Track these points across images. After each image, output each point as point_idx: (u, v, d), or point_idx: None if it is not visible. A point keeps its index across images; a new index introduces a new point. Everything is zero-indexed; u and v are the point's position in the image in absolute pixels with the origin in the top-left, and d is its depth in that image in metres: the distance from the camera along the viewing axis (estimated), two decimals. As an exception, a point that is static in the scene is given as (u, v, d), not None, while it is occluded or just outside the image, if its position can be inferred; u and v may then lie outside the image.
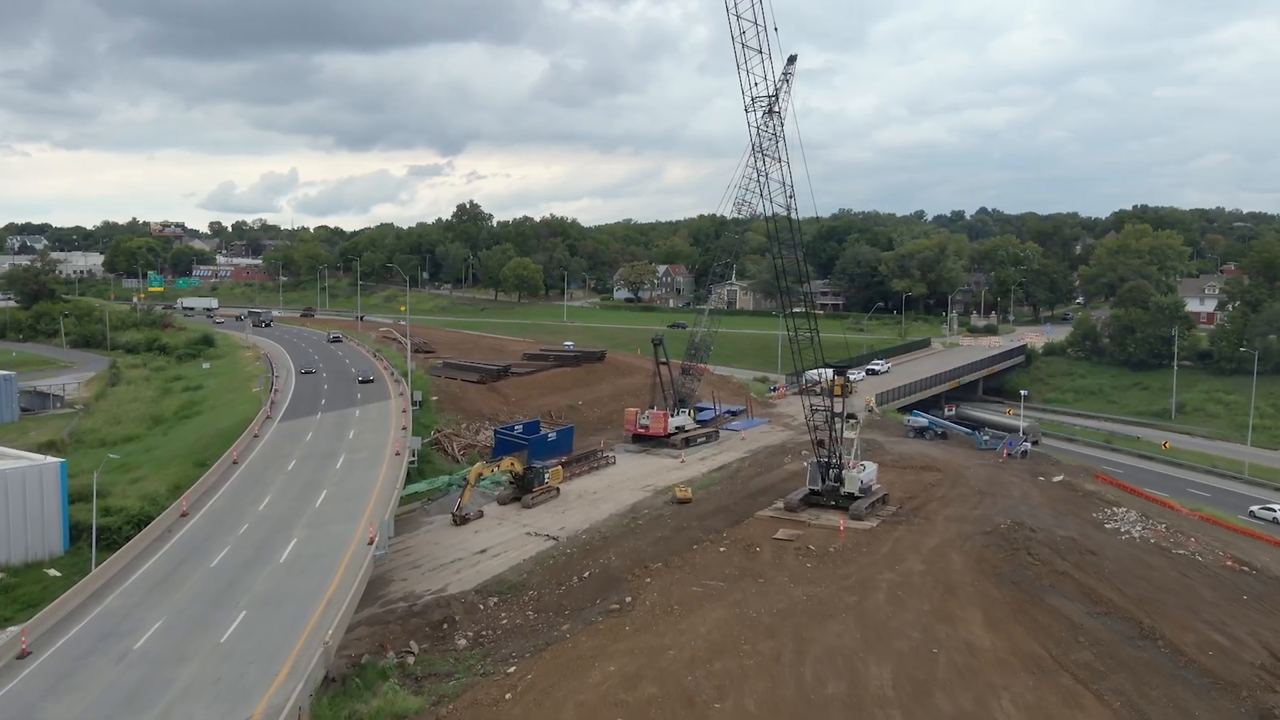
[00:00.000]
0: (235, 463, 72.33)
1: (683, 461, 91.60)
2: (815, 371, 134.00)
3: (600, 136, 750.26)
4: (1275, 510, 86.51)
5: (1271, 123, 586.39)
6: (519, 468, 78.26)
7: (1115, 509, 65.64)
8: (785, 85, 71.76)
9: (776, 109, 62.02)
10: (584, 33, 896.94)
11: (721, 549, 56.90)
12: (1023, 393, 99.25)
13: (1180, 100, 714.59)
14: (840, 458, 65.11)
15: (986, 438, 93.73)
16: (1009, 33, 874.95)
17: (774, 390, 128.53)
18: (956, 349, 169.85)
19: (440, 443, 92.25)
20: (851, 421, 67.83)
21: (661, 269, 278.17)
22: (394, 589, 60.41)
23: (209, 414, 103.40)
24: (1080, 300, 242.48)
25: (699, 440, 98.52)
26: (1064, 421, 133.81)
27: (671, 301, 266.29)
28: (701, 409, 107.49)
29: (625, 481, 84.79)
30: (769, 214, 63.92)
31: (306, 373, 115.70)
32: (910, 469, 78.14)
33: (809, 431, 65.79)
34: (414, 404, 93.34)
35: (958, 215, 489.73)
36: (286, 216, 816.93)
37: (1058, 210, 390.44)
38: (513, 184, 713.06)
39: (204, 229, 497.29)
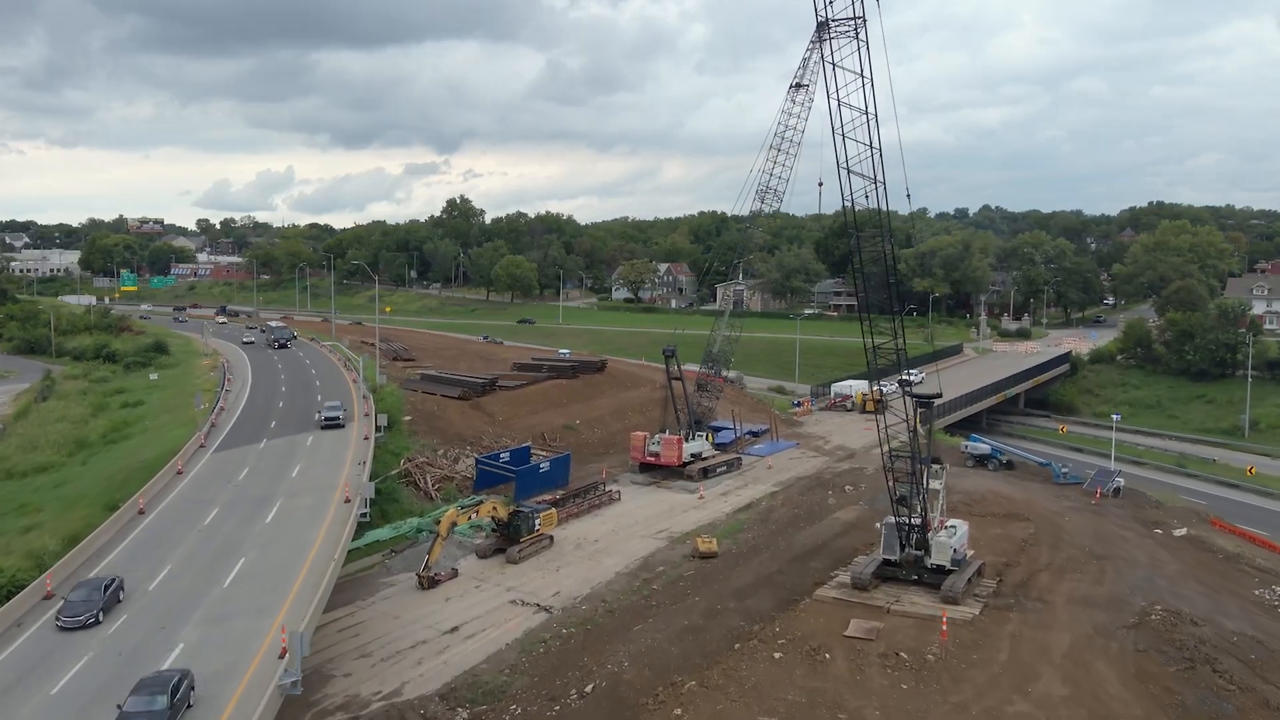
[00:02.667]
0: (141, 512, 56.94)
1: (701, 498, 76.37)
2: (846, 385, 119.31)
3: (596, 135, 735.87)
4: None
5: (1266, 123, 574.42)
6: (502, 513, 63.02)
7: (1284, 584, 50.46)
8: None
9: (863, 35, 46.10)
10: (581, 31, 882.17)
11: (776, 654, 41.38)
12: (1115, 416, 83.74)
13: (1175, 100, 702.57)
14: (925, 517, 49.53)
15: (1065, 469, 78.51)
16: (1006, 32, 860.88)
17: (798, 405, 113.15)
18: (990, 355, 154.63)
19: (411, 474, 76.80)
20: (936, 468, 52.35)
21: (663, 268, 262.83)
22: (333, 690, 45.17)
23: (140, 438, 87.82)
24: (1109, 301, 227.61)
25: (718, 469, 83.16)
26: (1123, 440, 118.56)
27: (674, 302, 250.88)
28: (719, 430, 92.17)
29: (633, 525, 69.62)
30: (848, 192, 48.16)
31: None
32: (991, 517, 62.76)
33: (886, 483, 49.92)
34: (379, 429, 77.81)
35: (961, 213, 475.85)
36: (282, 215, 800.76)
37: (1057, 209, 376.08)
38: (509, 182, 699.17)
39: (192, 226, 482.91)
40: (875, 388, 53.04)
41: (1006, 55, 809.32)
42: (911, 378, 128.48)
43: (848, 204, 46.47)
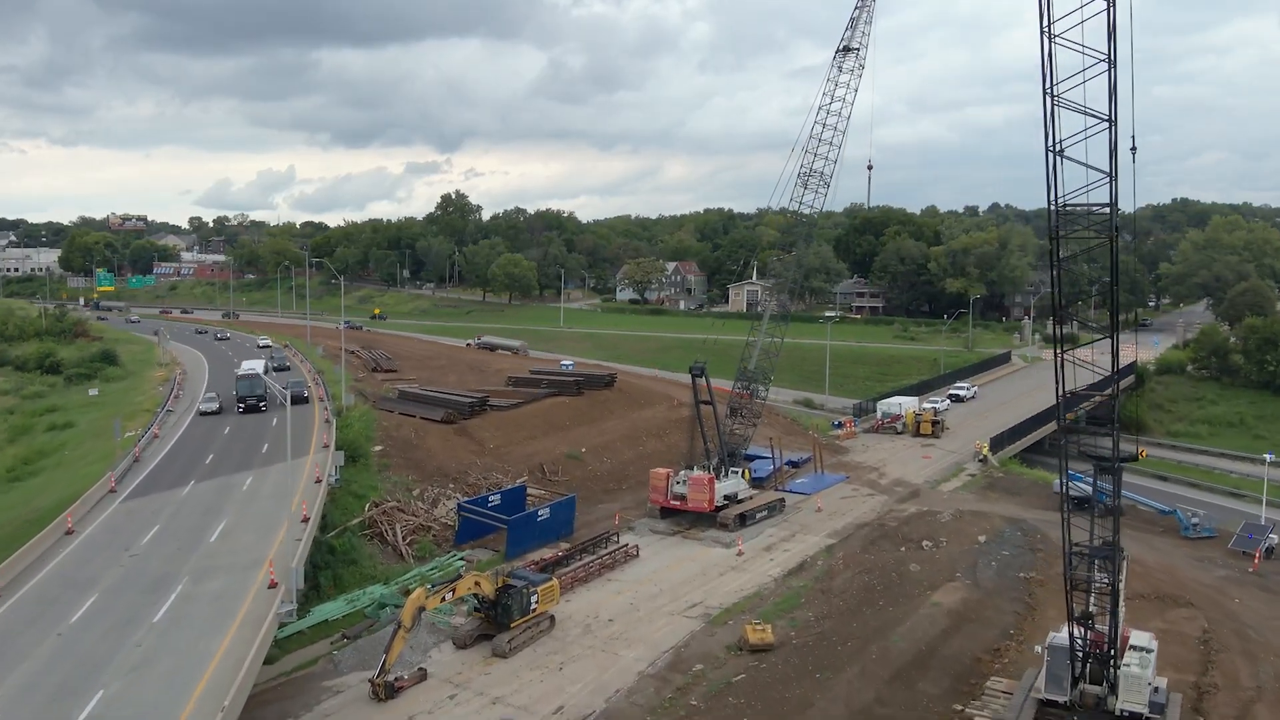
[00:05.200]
0: (-5, 598, 41.51)
1: (740, 554, 61.04)
2: (894, 402, 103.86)
3: (598, 134, 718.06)
4: None
5: (1267, 122, 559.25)
6: (487, 588, 47.69)
7: None
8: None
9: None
10: (583, 29, 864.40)
11: None
12: (1268, 455, 68.55)
13: (1177, 99, 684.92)
14: (1116, 639, 33.74)
15: (1196, 519, 63.12)
16: (1010, 30, 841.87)
17: (839, 426, 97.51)
18: (1041, 365, 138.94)
19: (376, 524, 61.39)
20: (1122, 557, 36.30)
21: (670, 266, 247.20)
22: None
23: (51, 474, 72.48)
24: (1153, 303, 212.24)
25: (758, 514, 67.65)
26: (1209, 465, 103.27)
27: (683, 303, 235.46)
28: (755, 459, 76.74)
29: (657, 595, 54.37)
30: (1064, 139, 32.10)
31: None
32: (1138, 599, 47.17)
33: (1065, 594, 33.45)
34: (337, 469, 62.32)
35: (971, 210, 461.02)
36: (281, 214, 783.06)
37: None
38: (510, 181, 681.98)
39: (184, 225, 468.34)
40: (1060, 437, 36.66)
41: (1011, 54, 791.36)
42: (963, 392, 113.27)
43: (1065, 162, 30.01)
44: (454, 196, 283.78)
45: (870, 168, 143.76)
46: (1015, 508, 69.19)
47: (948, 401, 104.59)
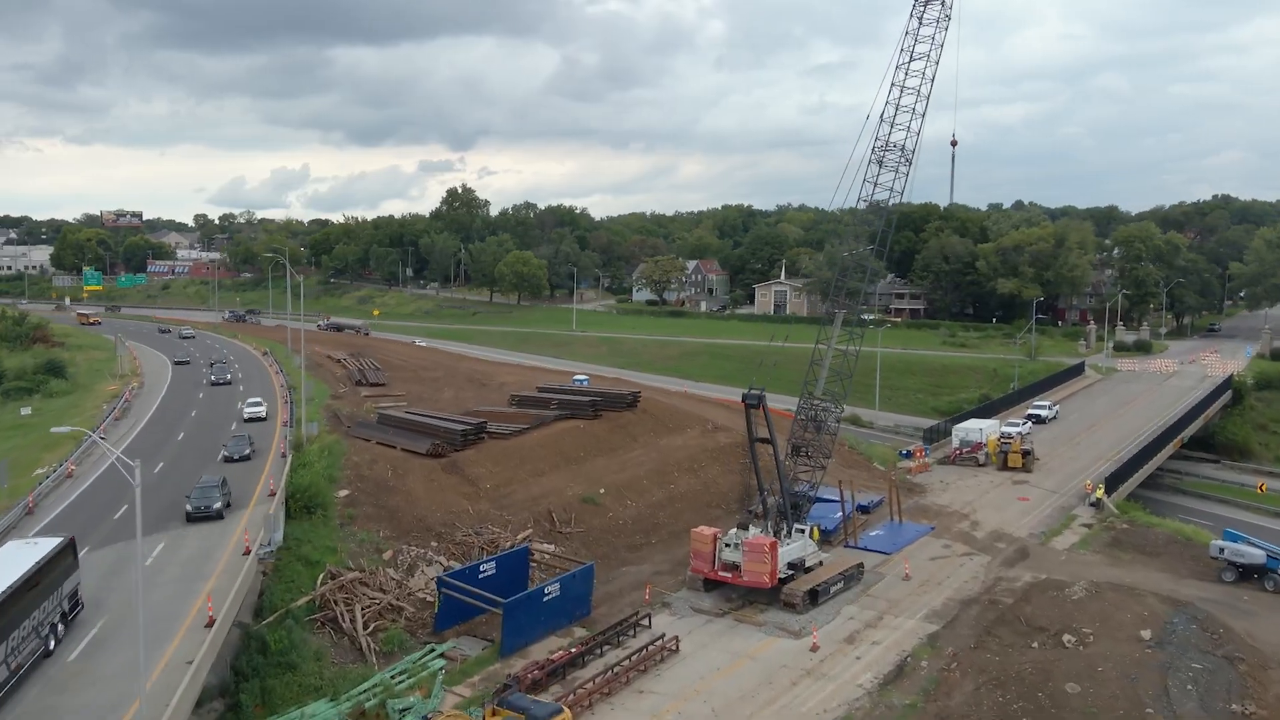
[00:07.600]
0: None
1: (815, 648, 45.39)
2: (974, 427, 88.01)
3: (612, 132, 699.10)
4: None
5: None
6: (472, 732, 32.32)
7: None
8: None
9: None
10: (598, 27, 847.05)
11: None
12: None
13: (1196, 97, 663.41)
14: None
15: None
16: (1028, 28, 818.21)
17: (907, 455, 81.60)
18: (1118, 377, 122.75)
19: (330, 604, 46.12)
20: None
21: (690, 265, 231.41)
22: None
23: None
24: (1219, 305, 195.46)
25: (832, 587, 51.86)
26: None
27: (704, 304, 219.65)
28: (822, 503, 60.78)
29: (705, 718, 38.82)
30: None
31: None
32: None
33: None
34: (271, 538, 46.94)
35: (995, 207, 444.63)
36: (295, 211, 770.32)
37: (1089, 206, 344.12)
38: (524, 179, 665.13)
39: (189, 222, 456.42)
40: None
41: (1029, 52, 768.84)
42: (1044, 412, 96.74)
43: None
44: (460, 191, 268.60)
45: (954, 143, 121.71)
46: (1163, 578, 53.38)
47: (1028, 424, 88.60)
